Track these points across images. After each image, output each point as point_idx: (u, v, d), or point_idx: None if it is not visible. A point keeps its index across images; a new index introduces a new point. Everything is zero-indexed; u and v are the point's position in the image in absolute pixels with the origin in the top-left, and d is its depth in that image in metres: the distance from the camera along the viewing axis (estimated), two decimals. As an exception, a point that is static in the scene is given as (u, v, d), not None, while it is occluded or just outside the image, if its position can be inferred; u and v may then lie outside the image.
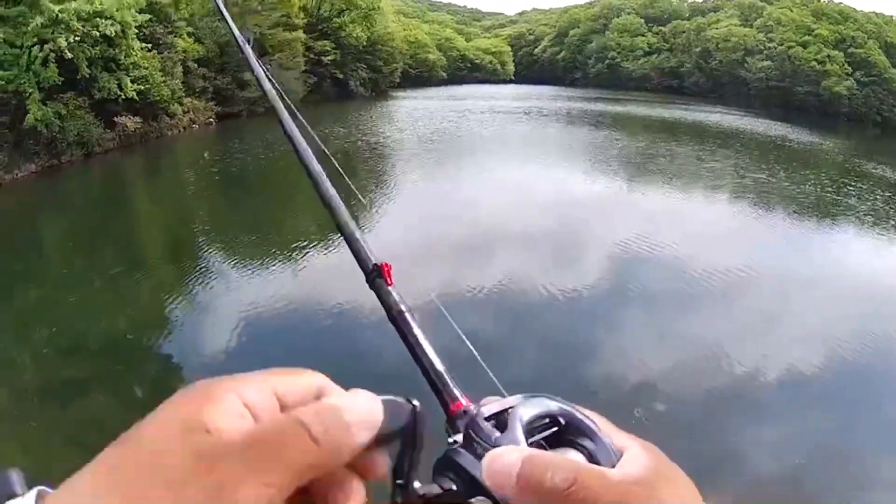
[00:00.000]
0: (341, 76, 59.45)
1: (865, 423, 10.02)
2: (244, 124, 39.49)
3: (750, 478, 8.37)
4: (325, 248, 15.40)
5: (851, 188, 30.62)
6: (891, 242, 22.25)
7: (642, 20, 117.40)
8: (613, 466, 0.71)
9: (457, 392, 0.93)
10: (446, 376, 0.96)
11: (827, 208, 25.39)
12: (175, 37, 33.33)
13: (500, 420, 0.77)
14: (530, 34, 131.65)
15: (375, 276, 1.08)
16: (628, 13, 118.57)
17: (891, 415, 10.24)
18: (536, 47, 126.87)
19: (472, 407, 0.85)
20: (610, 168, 29.88)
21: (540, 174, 27.40)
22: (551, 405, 0.80)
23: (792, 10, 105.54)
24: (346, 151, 29.37)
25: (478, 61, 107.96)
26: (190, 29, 36.78)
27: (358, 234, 1.14)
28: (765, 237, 20.22)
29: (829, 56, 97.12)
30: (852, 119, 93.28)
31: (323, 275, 14.11)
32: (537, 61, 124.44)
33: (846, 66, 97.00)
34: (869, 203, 27.61)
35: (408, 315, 1.01)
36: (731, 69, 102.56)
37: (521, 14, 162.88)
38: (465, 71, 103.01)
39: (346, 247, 1.16)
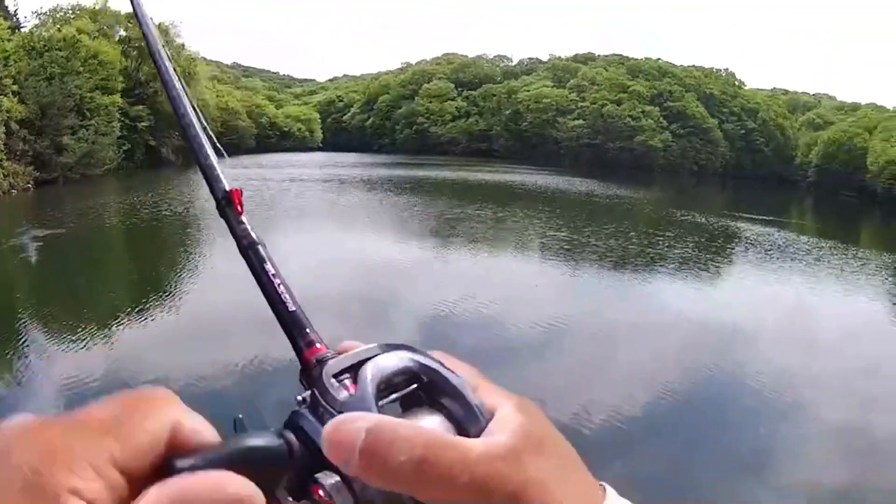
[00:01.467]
0: (154, 143, 58.65)
1: (696, 451, 10.70)
2: (62, 191, 38.55)
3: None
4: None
5: (660, 238, 32.12)
6: (698, 284, 23.63)
7: (452, 85, 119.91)
8: (481, 432, 0.63)
9: (312, 336, 0.89)
10: (302, 317, 0.93)
11: (635, 259, 26.55)
12: (1, 95, 32.58)
13: (355, 375, 0.70)
14: (340, 101, 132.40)
15: (226, 203, 1.00)
16: (439, 79, 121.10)
17: (720, 442, 10.93)
18: (346, 114, 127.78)
19: (328, 355, 0.81)
20: (414, 233, 30.27)
21: (344, 241, 27.49)
22: (412, 358, 0.73)
23: (607, 70, 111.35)
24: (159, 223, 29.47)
25: (287, 129, 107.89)
26: (15, 87, 35.88)
27: (214, 161, 1.03)
28: (573, 291, 20.98)
29: (643, 111, 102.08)
30: (668, 171, 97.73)
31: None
32: (346, 128, 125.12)
33: (662, 119, 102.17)
34: (678, 250, 29.27)
35: (260, 247, 0.98)
36: (541, 130, 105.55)
37: (332, 80, 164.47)
38: (273, 139, 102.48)
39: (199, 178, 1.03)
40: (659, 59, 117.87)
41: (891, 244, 46.29)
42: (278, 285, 0.94)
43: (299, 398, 0.72)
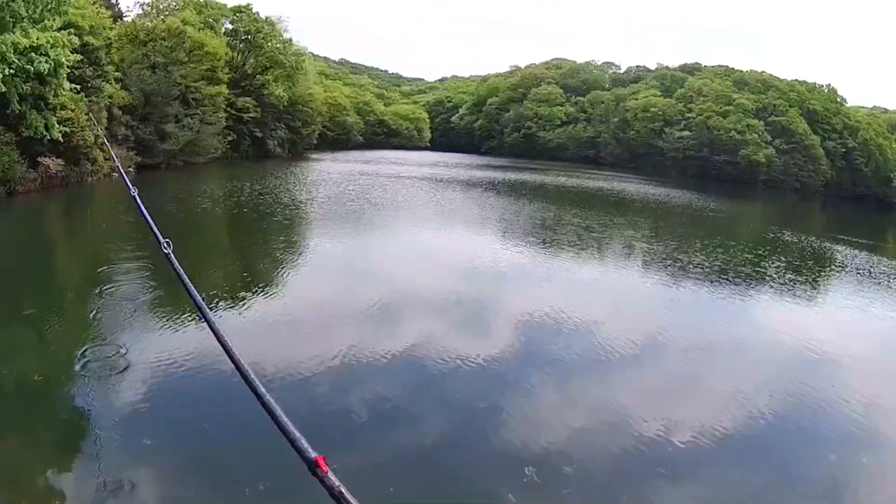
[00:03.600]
0: (260, 135, 59.49)
1: (782, 479, 10.11)
2: (162, 175, 39.30)
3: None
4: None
5: (762, 255, 31.24)
6: (796, 305, 22.51)
7: (561, 90, 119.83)
8: None
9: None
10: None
11: (736, 275, 25.53)
12: (103, 81, 32.89)
13: None
14: (449, 101, 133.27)
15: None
16: (548, 83, 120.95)
17: (808, 471, 10.38)
18: (454, 115, 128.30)
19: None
20: (522, 237, 29.69)
21: (451, 241, 27.38)
22: None
23: (713, 81, 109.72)
24: (266, 210, 29.58)
25: (395, 127, 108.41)
26: (118, 74, 36.41)
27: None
28: (676, 304, 20.06)
29: (748, 125, 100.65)
30: (770, 186, 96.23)
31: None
32: (454, 128, 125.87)
33: (766, 134, 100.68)
34: (780, 269, 28.36)
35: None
36: (648, 139, 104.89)
37: (441, 80, 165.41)
38: (381, 136, 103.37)
39: None
40: (763, 71, 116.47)
41: None
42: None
43: None
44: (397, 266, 21.20)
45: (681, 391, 12.55)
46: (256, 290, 16.46)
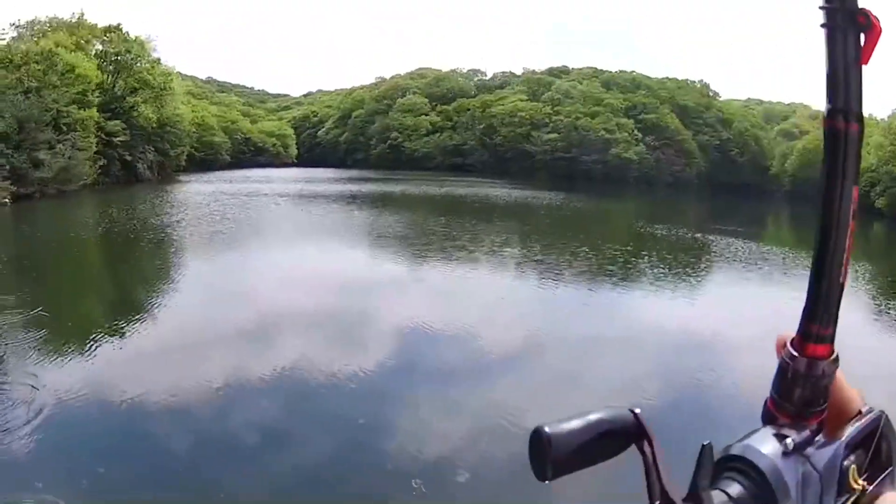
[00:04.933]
0: (130, 158, 58.15)
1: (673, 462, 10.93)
2: (38, 207, 38.16)
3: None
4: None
5: (634, 251, 32.03)
6: (673, 298, 23.08)
7: (426, 99, 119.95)
8: None
9: (829, 331, 0.86)
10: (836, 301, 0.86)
11: (610, 273, 26.12)
12: None
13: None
14: (314, 116, 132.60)
15: (850, 20, 0.80)
16: (413, 93, 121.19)
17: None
18: (320, 129, 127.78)
19: (825, 371, 0.84)
20: (389, 248, 30.03)
21: (317, 257, 27.35)
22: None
23: (581, 83, 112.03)
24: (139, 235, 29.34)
25: (261, 144, 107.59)
26: (-7, 102, 35.00)
27: None
28: (549, 305, 20.42)
29: (618, 124, 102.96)
30: (643, 183, 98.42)
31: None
32: (320, 143, 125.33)
33: (636, 132, 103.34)
34: (653, 263, 29.22)
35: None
36: (515, 144, 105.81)
37: (306, 95, 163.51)
38: (248, 154, 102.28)
39: None
40: (633, 71, 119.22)
41: (868, 250, 45.45)
42: (850, 234, 0.88)
43: (792, 442, 0.78)
44: (266, 284, 21.23)
45: (564, 388, 12.78)
46: (129, 318, 16.29)
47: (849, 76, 0.82)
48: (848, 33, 0.80)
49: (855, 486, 0.76)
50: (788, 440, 0.77)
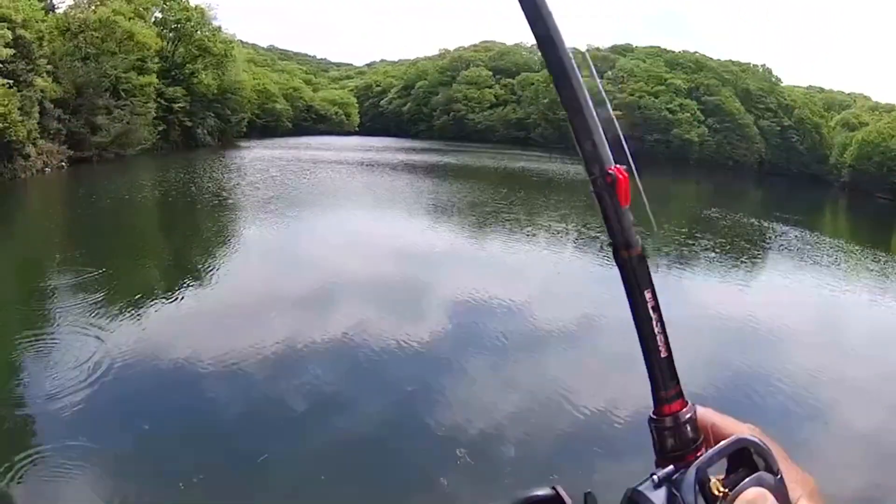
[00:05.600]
0: (190, 124, 58.94)
1: None
2: (95, 170, 38.90)
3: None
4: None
5: (694, 234, 31.72)
6: (729, 283, 23.14)
7: (490, 72, 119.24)
8: None
9: (674, 391, 1.01)
10: (670, 366, 1.02)
11: (668, 254, 25.91)
12: (35, 75, 32.33)
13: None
14: (377, 86, 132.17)
15: (603, 184, 0.97)
16: (477, 66, 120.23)
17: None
18: (383, 99, 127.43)
19: (686, 419, 0.98)
20: (454, 219, 30.21)
21: (376, 226, 27.47)
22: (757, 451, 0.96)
23: (645, 62, 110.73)
24: (206, 203, 29.50)
25: (323, 112, 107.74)
26: (50, 67, 35.73)
27: (595, 125, 0.99)
28: (609, 284, 19.71)
29: (681, 104, 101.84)
30: (704, 165, 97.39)
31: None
32: (383, 113, 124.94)
33: (699, 113, 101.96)
34: (711, 246, 29.04)
35: (643, 261, 1.00)
36: None
37: (369, 65, 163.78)
38: (310, 122, 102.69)
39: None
40: (696, 52, 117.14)
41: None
42: (656, 322, 1.00)
43: (657, 477, 0.92)
44: (326, 251, 21.55)
45: (617, 370, 12.47)
46: (185, 279, 16.82)
47: (620, 219, 0.98)
48: (608, 192, 0.97)
49: (717, 493, 0.88)
50: (654, 476, 0.90)
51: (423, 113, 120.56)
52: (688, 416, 0.96)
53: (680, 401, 0.97)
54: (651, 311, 0.98)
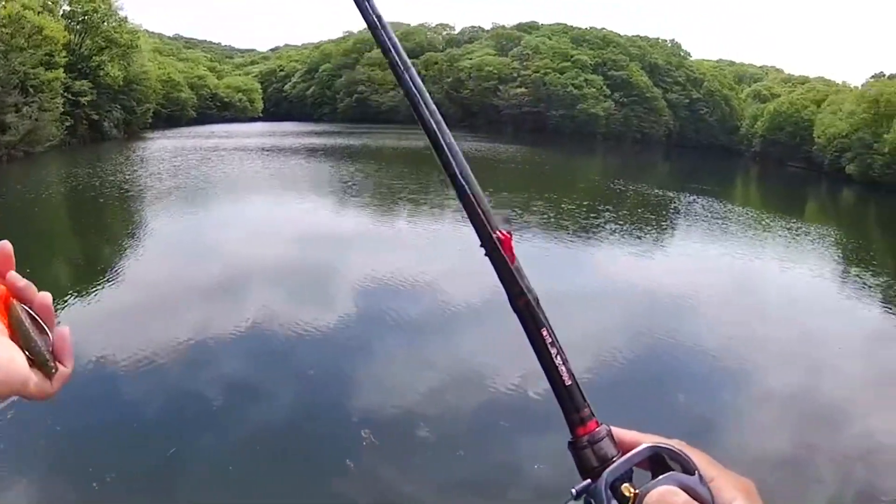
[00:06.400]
0: (97, 117, 57.89)
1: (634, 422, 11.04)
2: (4, 169, 38.40)
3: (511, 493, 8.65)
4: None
5: (600, 206, 32.57)
6: (639, 254, 23.69)
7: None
8: None
9: (585, 413, 1.03)
10: (577, 391, 1.04)
11: (576, 228, 26.62)
12: None
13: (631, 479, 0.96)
14: (281, 70, 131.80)
15: (495, 248, 1.03)
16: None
17: (664, 408, 11.02)
18: (287, 83, 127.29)
19: (601, 437, 1.01)
20: (353, 200, 30.77)
21: (288, 210, 27.86)
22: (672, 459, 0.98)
23: (551, 38, 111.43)
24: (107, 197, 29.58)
25: (228, 99, 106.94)
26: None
27: (481, 197, 1.06)
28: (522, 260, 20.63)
29: (586, 80, 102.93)
30: (610, 139, 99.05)
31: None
32: (287, 98, 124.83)
33: (605, 88, 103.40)
34: (619, 219, 29.83)
35: (537, 306, 1.04)
36: (482, 98, 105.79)
37: (273, 50, 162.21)
38: (214, 110, 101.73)
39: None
40: (603, 28, 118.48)
41: (836, 215, 47.75)
42: (556, 355, 1.05)
43: (575, 490, 0.98)
44: (227, 240, 21.61)
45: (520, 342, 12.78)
46: (96, 277, 16.76)
47: (510, 274, 1.09)
48: (497, 254, 1.08)
49: (628, 494, 0.94)
50: (572, 490, 0.97)
51: (326, 96, 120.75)
52: (603, 434, 1.01)
53: (593, 421, 1.03)
54: (550, 347, 1.04)
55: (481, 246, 1.07)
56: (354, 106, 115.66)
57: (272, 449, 8.98)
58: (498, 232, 1.08)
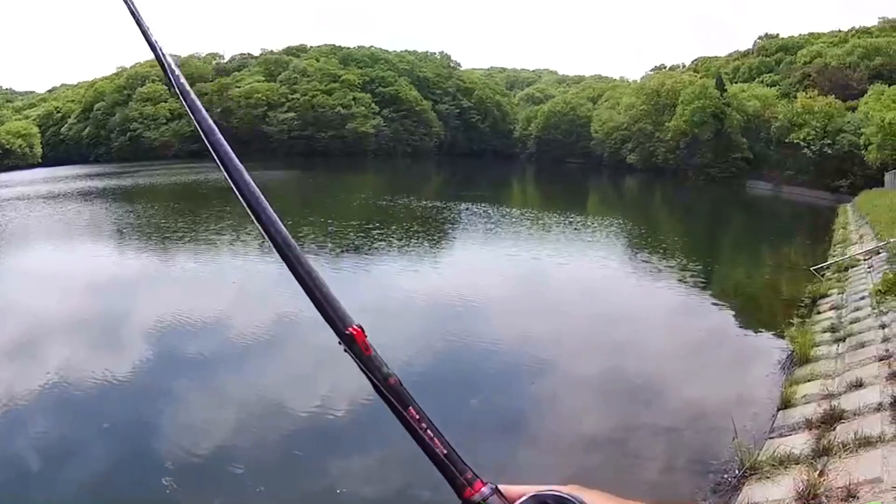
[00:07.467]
0: None
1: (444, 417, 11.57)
2: None
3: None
4: None
5: (375, 226, 32.09)
6: (420, 266, 23.74)
7: (165, 87, 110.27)
8: None
9: (470, 475, 1.05)
10: (456, 456, 1.05)
11: (353, 249, 26.18)
12: None
13: None
14: (57, 112, 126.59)
15: (353, 342, 1.05)
16: (153, 81, 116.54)
17: (468, 407, 11.16)
18: (63, 126, 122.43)
19: (488, 497, 1.01)
20: (126, 241, 29.59)
21: (63, 257, 26.65)
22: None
23: (319, 60, 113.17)
24: None
25: (8, 146, 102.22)
26: None
27: (332, 297, 1.08)
28: (275, 283, 17.98)
29: (354, 98, 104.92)
30: (381, 155, 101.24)
31: None
32: (63, 140, 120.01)
33: (374, 105, 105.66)
34: (400, 235, 29.71)
35: (399, 386, 1.06)
36: (253, 125, 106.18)
37: (51, 91, 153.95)
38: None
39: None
40: (371, 46, 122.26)
41: (621, 206, 50.20)
42: (425, 430, 1.08)
43: None
44: (5, 292, 20.30)
45: (321, 365, 12.27)
46: None
47: (368, 364, 1.11)
48: (353, 347, 1.11)
49: None
50: None
51: (101, 136, 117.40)
52: (489, 491, 1.03)
53: (478, 481, 1.04)
54: (420, 423, 1.06)
55: (339, 343, 1.11)
56: (127, 144, 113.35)
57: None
58: (350, 329, 1.11)
